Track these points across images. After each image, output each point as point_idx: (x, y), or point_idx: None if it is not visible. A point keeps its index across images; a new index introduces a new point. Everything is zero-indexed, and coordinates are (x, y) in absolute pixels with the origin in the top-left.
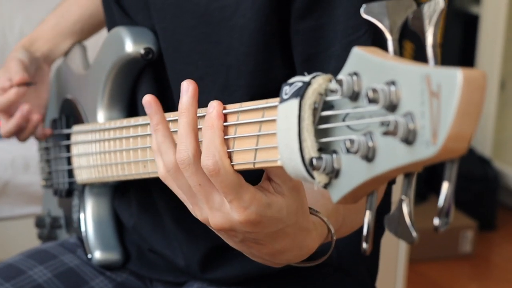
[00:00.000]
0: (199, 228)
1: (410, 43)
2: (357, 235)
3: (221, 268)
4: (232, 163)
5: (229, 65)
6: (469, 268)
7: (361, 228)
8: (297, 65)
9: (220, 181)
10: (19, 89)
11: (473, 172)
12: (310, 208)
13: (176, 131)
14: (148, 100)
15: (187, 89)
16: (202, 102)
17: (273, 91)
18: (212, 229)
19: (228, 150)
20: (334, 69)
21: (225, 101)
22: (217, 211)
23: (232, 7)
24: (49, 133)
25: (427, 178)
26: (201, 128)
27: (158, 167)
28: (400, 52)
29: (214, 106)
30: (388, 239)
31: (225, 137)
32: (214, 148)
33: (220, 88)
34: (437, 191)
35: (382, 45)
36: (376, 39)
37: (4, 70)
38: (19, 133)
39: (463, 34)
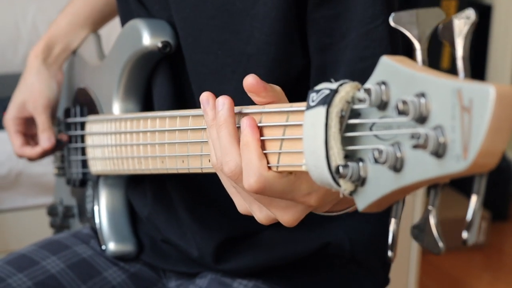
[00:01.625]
0: (213, 219)
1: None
2: (369, 227)
3: (234, 259)
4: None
5: (249, 54)
6: (482, 258)
7: (374, 220)
8: (312, 55)
9: (271, 194)
10: (44, 150)
11: None
12: None
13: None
14: (206, 97)
15: (223, 104)
16: (222, 92)
17: (292, 81)
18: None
19: None
20: (349, 59)
21: (245, 91)
22: (287, 208)
23: None
24: (65, 139)
25: None
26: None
27: (211, 156)
28: (439, 51)
29: (246, 122)
30: (401, 230)
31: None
32: (253, 167)
33: (240, 77)
34: (451, 182)
35: (398, 38)
36: (393, 30)
37: (27, 99)
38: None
39: (476, 24)
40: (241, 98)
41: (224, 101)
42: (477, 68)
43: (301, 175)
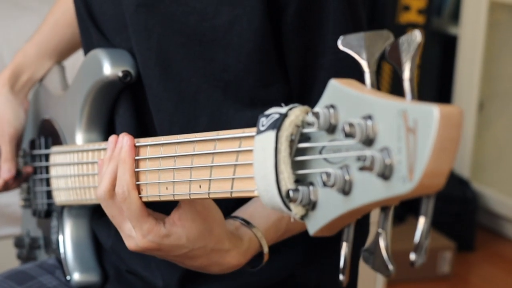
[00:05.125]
0: None
1: (389, 64)
2: (334, 256)
3: None
4: (209, 192)
5: (227, 80)
6: None
7: (337, 250)
8: (291, 76)
9: (126, 208)
10: (4, 181)
11: (451, 193)
12: (248, 223)
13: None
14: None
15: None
16: (198, 117)
17: (278, 104)
18: None
19: (204, 179)
20: (324, 80)
21: (223, 115)
22: (128, 236)
23: (225, 27)
24: (29, 170)
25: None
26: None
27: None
28: (377, 78)
29: (126, 141)
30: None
31: (201, 165)
32: (124, 181)
33: (217, 102)
34: (415, 212)
35: None
36: None
37: None
38: None
39: (442, 55)
40: (217, 124)
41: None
42: (443, 97)
43: (150, 223)
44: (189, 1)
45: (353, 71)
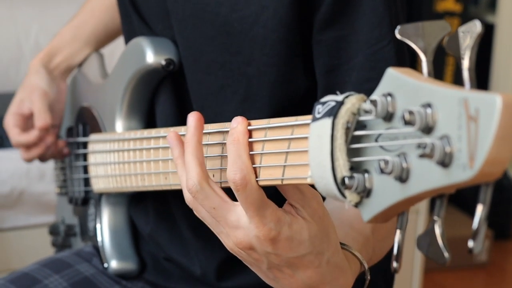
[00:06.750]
0: (216, 237)
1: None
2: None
3: (237, 277)
4: (258, 179)
5: (249, 75)
6: (485, 277)
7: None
8: (318, 77)
9: (245, 196)
10: (40, 132)
11: None
12: (342, 244)
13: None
14: (194, 117)
15: (192, 121)
16: (223, 113)
17: (295, 102)
18: (239, 257)
19: (255, 166)
20: (355, 80)
21: (246, 111)
22: (236, 228)
23: (252, 17)
24: (66, 152)
25: None
26: (224, 143)
27: (184, 193)
28: (441, 69)
29: (239, 121)
30: (404, 248)
31: (252, 152)
32: (242, 163)
33: (241, 98)
34: (452, 200)
35: (405, 56)
36: (399, 50)
37: (25, 95)
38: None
39: (479, 43)
40: None
41: (192, 118)
42: (480, 86)
43: (272, 208)
44: None
45: (385, 66)
